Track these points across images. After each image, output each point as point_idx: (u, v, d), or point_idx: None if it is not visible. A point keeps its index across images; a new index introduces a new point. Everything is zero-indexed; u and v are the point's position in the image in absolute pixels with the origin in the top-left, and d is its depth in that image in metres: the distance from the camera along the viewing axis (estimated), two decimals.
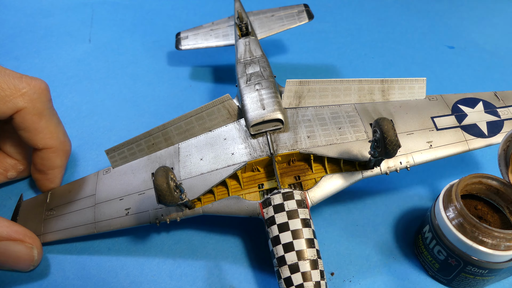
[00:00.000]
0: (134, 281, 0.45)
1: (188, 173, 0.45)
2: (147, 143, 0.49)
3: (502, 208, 0.41)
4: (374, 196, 0.52)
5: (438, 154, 0.45)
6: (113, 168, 0.50)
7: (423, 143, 0.45)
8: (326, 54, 0.76)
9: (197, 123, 0.48)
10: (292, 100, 0.48)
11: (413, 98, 0.50)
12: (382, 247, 0.47)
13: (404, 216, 0.49)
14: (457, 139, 0.46)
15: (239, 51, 0.57)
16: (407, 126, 0.47)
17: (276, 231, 0.39)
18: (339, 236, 0.48)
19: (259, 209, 0.41)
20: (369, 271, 0.45)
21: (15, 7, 0.89)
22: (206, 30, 0.70)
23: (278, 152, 0.44)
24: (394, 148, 0.36)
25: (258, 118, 0.45)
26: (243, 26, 0.62)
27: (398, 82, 0.49)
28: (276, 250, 0.38)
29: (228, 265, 0.46)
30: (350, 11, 0.87)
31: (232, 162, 0.44)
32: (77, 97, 0.68)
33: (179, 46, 0.69)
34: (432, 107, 0.49)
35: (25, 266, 0.44)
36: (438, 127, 0.47)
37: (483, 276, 0.39)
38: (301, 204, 0.40)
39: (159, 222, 0.44)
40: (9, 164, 0.52)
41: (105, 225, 0.46)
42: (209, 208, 0.43)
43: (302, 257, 0.37)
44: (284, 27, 0.66)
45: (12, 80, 0.44)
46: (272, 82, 0.49)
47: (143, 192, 0.46)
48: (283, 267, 0.37)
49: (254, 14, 0.69)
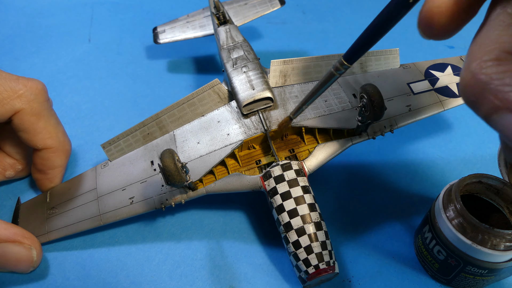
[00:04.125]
0: (134, 281, 0.45)
1: (187, 157, 0.47)
2: (142, 133, 0.50)
3: (502, 208, 0.41)
4: (374, 196, 0.52)
5: (417, 115, 0.48)
6: (111, 161, 0.50)
7: (402, 107, 0.49)
8: (325, 54, 0.76)
9: (189, 109, 0.50)
10: (278, 79, 0.50)
11: (389, 68, 0.54)
12: (382, 247, 0.47)
13: (404, 216, 0.49)
14: (433, 101, 0.50)
15: (221, 38, 0.58)
16: (387, 93, 0.50)
17: (280, 200, 0.41)
18: (339, 236, 0.48)
19: (261, 182, 0.43)
20: (369, 271, 0.45)
21: (15, 7, 0.88)
22: (183, 23, 0.72)
23: (271, 128, 0.46)
24: (381, 109, 0.39)
25: (249, 98, 0.47)
26: (220, 15, 0.64)
27: (374, 54, 0.53)
28: (281, 218, 0.40)
29: (228, 265, 0.46)
30: (350, 11, 0.87)
31: (228, 142, 0.46)
32: (77, 96, 0.68)
33: (157, 40, 0.70)
34: (407, 74, 0.53)
35: (24, 268, 0.44)
36: (414, 91, 0.51)
37: (483, 276, 0.39)
38: (300, 173, 0.42)
39: (164, 207, 0.45)
40: (7, 164, 0.52)
41: (111, 216, 0.47)
42: (212, 187, 0.45)
43: (306, 221, 0.39)
44: (258, 13, 0.69)
45: (8, 83, 0.44)
46: (258, 64, 0.52)
47: (144, 180, 0.47)
48: (290, 232, 0.40)
49: (228, 3, 0.71)
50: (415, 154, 0.56)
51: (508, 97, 0.20)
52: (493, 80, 0.21)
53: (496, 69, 0.21)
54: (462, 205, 0.37)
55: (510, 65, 0.21)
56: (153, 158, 0.49)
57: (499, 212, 0.41)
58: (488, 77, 0.21)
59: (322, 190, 0.52)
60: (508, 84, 0.20)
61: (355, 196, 0.52)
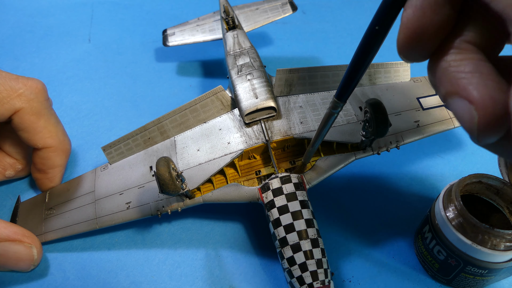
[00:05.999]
0: (134, 281, 0.45)
1: (186, 164, 0.46)
2: (143, 138, 0.49)
3: (502, 208, 0.41)
4: (374, 196, 0.52)
5: (426, 132, 0.47)
6: (111, 164, 0.50)
7: (410, 123, 0.47)
8: (325, 54, 0.76)
9: (191, 115, 0.49)
10: (283, 88, 0.49)
11: (399, 81, 0.52)
12: (382, 247, 0.47)
13: (404, 216, 0.49)
14: (443, 117, 0.48)
15: (228, 44, 0.58)
16: (394, 107, 0.48)
17: (277, 213, 0.40)
18: (339, 236, 0.48)
19: (258, 194, 0.42)
20: (369, 271, 0.45)
21: (15, 7, 0.88)
22: (193, 26, 0.71)
23: (273, 139, 0.45)
24: (385, 126, 0.38)
25: (252, 107, 0.46)
26: (229, 19, 0.63)
27: (383, 66, 0.51)
28: (277, 232, 0.39)
29: (228, 265, 0.46)
30: (350, 11, 0.87)
31: (228, 151, 0.45)
32: (77, 96, 0.68)
33: (166, 43, 0.70)
34: (417, 88, 0.51)
35: (25, 266, 0.44)
36: (424, 107, 0.49)
37: (483, 276, 0.39)
38: (299, 186, 0.41)
39: (160, 214, 0.44)
40: (7, 163, 0.52)
41: (106, 220, 0.46)
42: (209, 196, 0.44)
43: (302, 237, 0.38)
44: (269, 19, 0.68)
45: (8, 82, 0.44)
46: (263, 71, 0.51)
47: (142, 186, 0.47)
48: (285, 248, 0.38)
49: (239, 8, 0.70)
50: (415, 154, 0.56)
51: (460, 83, 0.22)
52: (450, 66, 0.23)
53: (455, 57, 0.23)
54: (462, 205, 0.37)
55: (468, 54, 0.22)
56: (152, 163, 0.48)
57: (499, 212, 0.41)
58: (447, 63, 0.23)
59: (322, 190, 0.52)
60: (462, 71, 0.22)
61: (355, 196, 0.52)
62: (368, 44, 0.27)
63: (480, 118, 0.21)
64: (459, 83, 0.22)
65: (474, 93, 0.21)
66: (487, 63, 0.22)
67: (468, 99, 0.21)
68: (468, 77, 0.21)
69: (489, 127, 0.21)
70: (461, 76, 0.22)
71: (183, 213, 0.50)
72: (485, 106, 0.21)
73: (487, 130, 0.21)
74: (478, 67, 0.22)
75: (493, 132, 0.21)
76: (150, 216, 0.45)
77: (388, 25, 0.26)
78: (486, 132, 0.21)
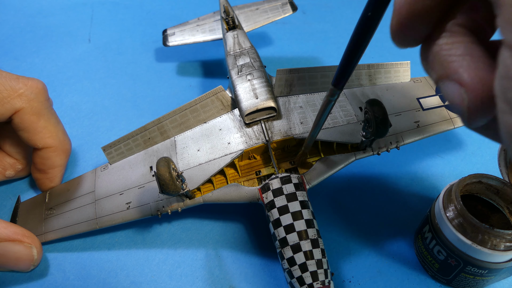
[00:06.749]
0: (134, 281, 0.45)
1: (186, 164, 0.46)
2: (143, 138, 0.49)
3: (502, 208, 0.41)
4: (374, 196, 0.52)
5: (426, 132, 0.47)
6: (111, 164, 0.50)
7: (410, 123, 0.47)
8: (325, 54, 0.76)
9: (191, 116, 0.49)
10: (283, 89, 0.49)
11: (399, 81, 0.52)
12: (382, 247, 0.47)
13: (404, 216, 0.49)
14: (442, 118, 0.48)
15: (228, 44, 0.58)
16: (395, 108, 0.48)
17: (277, 214, 0.40)
18: (339, 236, 0.48)
19: (259, 194, 0.42)
20: (369, 271, 0.45)
21: (15, 7, 0.88)
22: (193, 26, 0.71)
23: (273, 139, 0.45)
24: (385, 126, 0.38)
25: (252, 107, 0.46)
26: (229, 19, 0.63)
27: (383, 67, 0.51)
28: (277, 232, 0.39)
29: (228, 265, 0.46)
30: (350, 11, 0.87)
31: (229, 151, 0.45)
32: (77, 96, 0.68)
33: (166, 43, 0.70)
34: (417, 88, 0.51)
35: (25, 266, 0.44)
36: (424, 107, 0.49)
37: (483, 276, 0.39)
38: (299, 187, 0.41)
39: (160, 214, 0.44)
40: (7, 163, 0.52)
41: (107, 220, 0.46)
42: (209, 196, 0.44)
43: (302, 237, 0.38)
44: (269, 19, 0.68)
45: (8, 82, 0.44)
46: (263, 72, 0.51)
47: (142, 186, 0.47)
48: (285, 248, 0.38)
49: (239, 8, 0.70)
50: (415, 154, 0.56)
51: (451, 66, 0.21)
52: (442, 50, 0.22)
53: (446, 40, 0.22)
54: (462, 205, 0.37)
55: (459, 37, 0.22)
56: (152, 163, 0.48)
57: (499, 212, 0.41)
58: (439, 47, 0.23)
59: (322, 190, 0.52)
60: (453, 54, 0.22)
61: (355, 196, 0.52)
62: (361, 31, 0.27)
63: (470, 100, 0.21)
64: (450, 66, 0.22)
65: (465, 76, 0.21)
66: (478, 45, 0.22)
67: (458, 81, 0.21)
68: (459, 59, 0.21)
69: (478, 109, 0.21)
70: (452, 59, 0.22)
71: (183, 213, 0.50)
72: (474, 88, 0.20)
73: (476, 112, 0.21)
74: (469, 49, 0.21)
75: (482, 114, 0.21)
76: (150, 216, 0.45)
77: (380, 11, 0.26)
78: (476, 114, 0.21)
